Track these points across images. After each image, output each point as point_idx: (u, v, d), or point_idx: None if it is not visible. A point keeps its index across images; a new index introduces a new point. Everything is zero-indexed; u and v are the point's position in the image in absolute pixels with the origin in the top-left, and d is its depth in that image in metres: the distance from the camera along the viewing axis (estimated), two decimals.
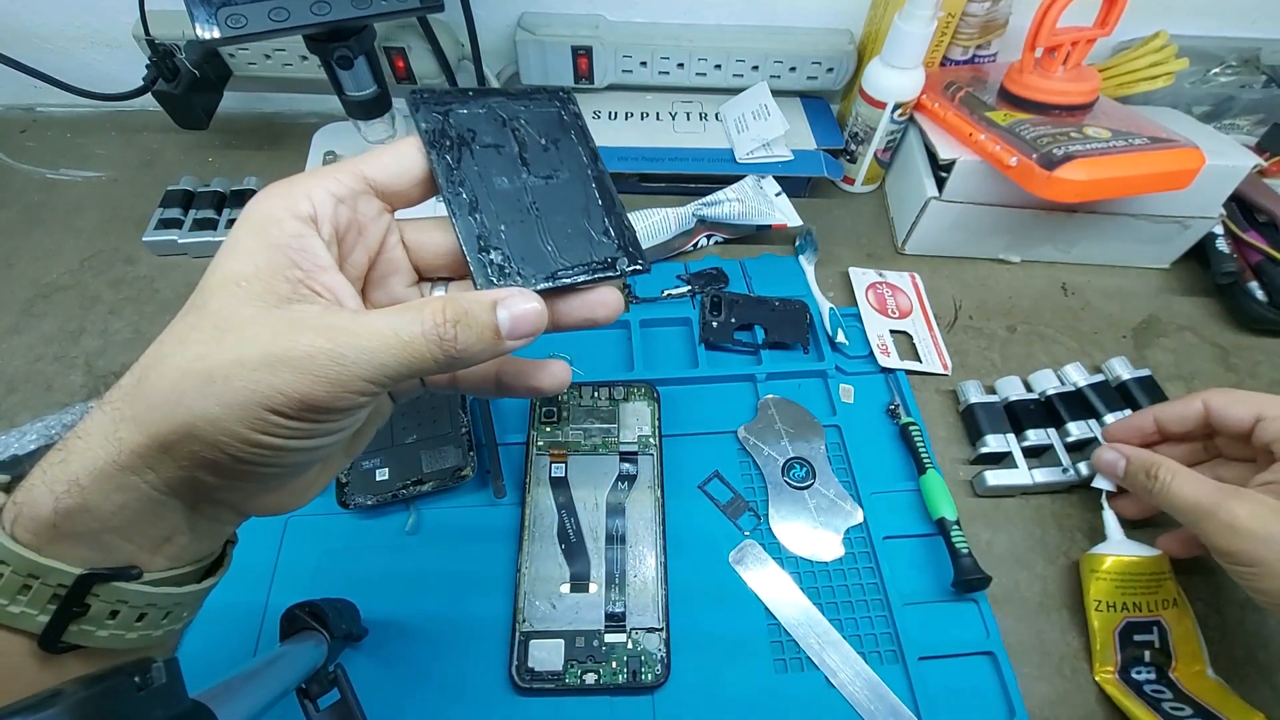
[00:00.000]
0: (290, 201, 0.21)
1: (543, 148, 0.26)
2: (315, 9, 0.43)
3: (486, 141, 0.25)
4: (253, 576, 0.39)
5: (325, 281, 0.21)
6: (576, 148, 0.26)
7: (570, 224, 0.25)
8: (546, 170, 0.26)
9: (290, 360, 0.18)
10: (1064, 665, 0.38)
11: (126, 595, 0.19)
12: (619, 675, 0.36)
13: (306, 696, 0.31)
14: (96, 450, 0.18)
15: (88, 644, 0.18)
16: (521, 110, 0.26)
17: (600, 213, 0.26)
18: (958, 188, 0.52)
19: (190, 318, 0.19)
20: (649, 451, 0.44)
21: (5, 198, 0.59)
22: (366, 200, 0.23)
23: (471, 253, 0.23)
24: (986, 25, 0.56)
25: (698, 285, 0.53)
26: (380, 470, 0.42)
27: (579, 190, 0.26)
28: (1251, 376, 0.51)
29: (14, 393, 0.47)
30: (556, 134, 0.26)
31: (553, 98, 0.27)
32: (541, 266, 0.24)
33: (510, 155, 0.25)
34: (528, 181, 0.25)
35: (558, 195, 0.25)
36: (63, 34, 0.60)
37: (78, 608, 0.18)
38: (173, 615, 0.20)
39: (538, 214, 0.25)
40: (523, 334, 0.21)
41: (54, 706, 0.16)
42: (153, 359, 0.19)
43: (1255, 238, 0.53)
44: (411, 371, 0.19)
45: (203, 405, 0.17)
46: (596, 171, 0.26)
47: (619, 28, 0.60)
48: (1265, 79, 0.59)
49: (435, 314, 0.19)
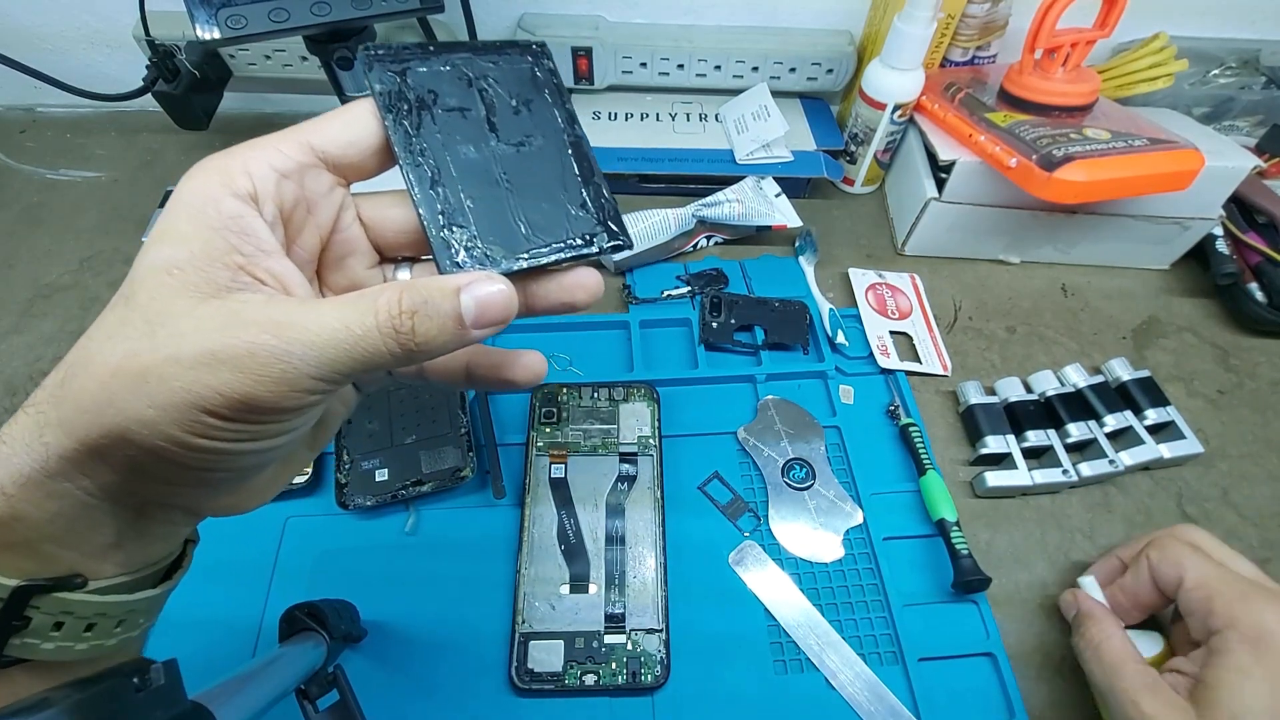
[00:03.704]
0: (227, 178, 0.18)
1: (513, 110, 0.23)
2: (315, 10, 0.43)
3: (450, 104, 0.22)
4: (252, 577, 0.39)
5: (269, 267, 0.19)
6: (551, 109, 0.24)
7: (544, 196, 0.23)
8: (518, 136, 0.23)
9: (229, 358, 0.16)
10: (1064, 666, 0.38)
11: (71, 606, 0.17)
12: (619, 676, 0.36)
13: (306, 697, 0.31)
14: (21, 456, 0.16)
15: (34, 657, 0.17)
16: (490, 67, 0.23)
17: (577, 183, 0.23)
18: (957, 189, 0.52)
19: (119, 311, 0.17)
20: (649, 452, 0.44)
21: (5, 198, 0.59)
22: (315, 174, 0.21)
23: (434, 232, 0.21)
24: (986, 26, 0.56)
25: (697, 286, 0.53)
26: (380, 471, 0.42)
27: (554, 158, 0.23)
28: (1251, 377, 0.51)
29: (14, 393, 0.47)
30: (529, 94, 0.24)
31: (524, 52, 0.24)
32: (512, 245, 0.22)
33: (477, 119, 0.23)
34: (496, 149, 0.23)
35: (530, 164, 0.23)
36: (63, 34, 0.60)
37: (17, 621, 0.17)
38: (127, 623, 0.19)
39: (508, 186, 0.22)
40: (490, 322, 0.19)
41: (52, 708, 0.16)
42: (79, 357, 0.17)
43: (1255, 239, 0.53)
44: (366, 367, 0.18)
45: (135, 408, 0.16)
46: (574, 136, 0.24)
47: (619, 28, 0.60)
48: (1265, 80, 0.59)
49: (390, 304, 0.18)
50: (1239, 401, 0.49)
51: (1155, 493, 0.45)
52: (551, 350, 0.50)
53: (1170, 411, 0.46)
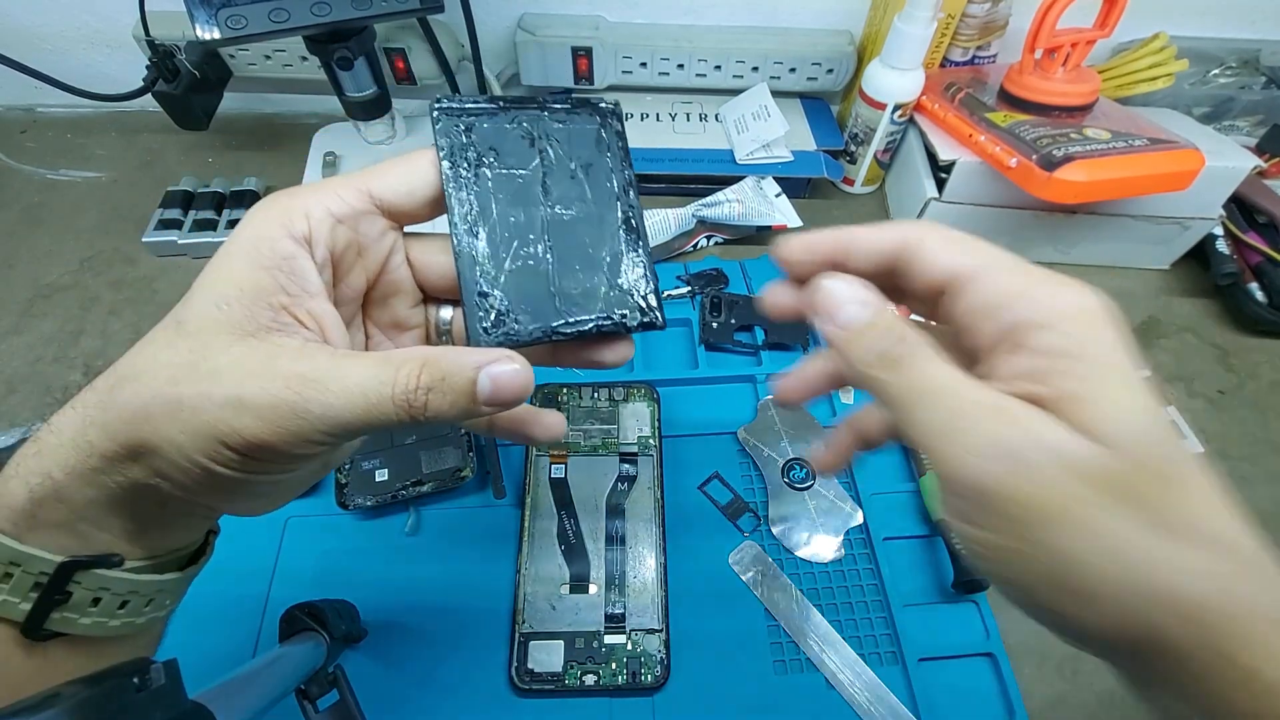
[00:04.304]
0: (287, 219, 0.20)
1: (570, 174, 0.23)
2: (315, 10, 0.43)
3: (509, 163, 0.23)
4: (252, 577, 0.39)
5: (311, 309, 0.20)
6: (610, 175, 0.24)
7: (585, 266, 0.23)
8: (570, 200, 0.23)
9: (253, 406, 0.18)
10: (1064, 666, 0.38)
11: (108, 582, 0.19)
12: (619, 676, 0.36)
13: (306, 697, 0.31)
14: (68, 448, 0.18)
15: (71, 631, 0.19)
16: (557, 127, 0.23)
17: (620, 257, 0.23)
18: (957, 189, 0.52)
19: (170, 332, 0.19)
20: (649, 452, 0.44)
21: (5, 198, 0.59)
22: (370, 220, 0.22)
23: (468, 295, 0.21)
24: (986, 26, 0.56)
25: (698, 286, 0.53)
26: (380, 471, 0.42)
27: (602, 228, 0.23)
28: (1251, 377, 0.51)
29: (14, 393, 0.47)
30: (591, 157, 0.24)
31: (594, 112, 0.24)
32: (543, 316, 0.22)
33: (532, 181, 0.23)
34: (545, 213, 0.23)
35: (577, 232, 0.23)
36: (63, 34, 0.61)
37: (59, 595, 0.18)
38: (155, 602, 0.21)
39: (550, 252, 0.22)
40: (502, 402, 0.19)
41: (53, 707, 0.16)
42: (129, 369, 0.19)
43: (1255, 239, 0.53)
44: (374, 429, 0.19)
45: (169, 430, 0.18)
46: (627, 205, 0.24)
47: (619, 28, 0.60)
48: (1265, 80, 0.59)
49: (409, 378, 0.18)
50: (1239, 402, 0.49)
51: None
52: None
53: (1170, 412, 0.46)
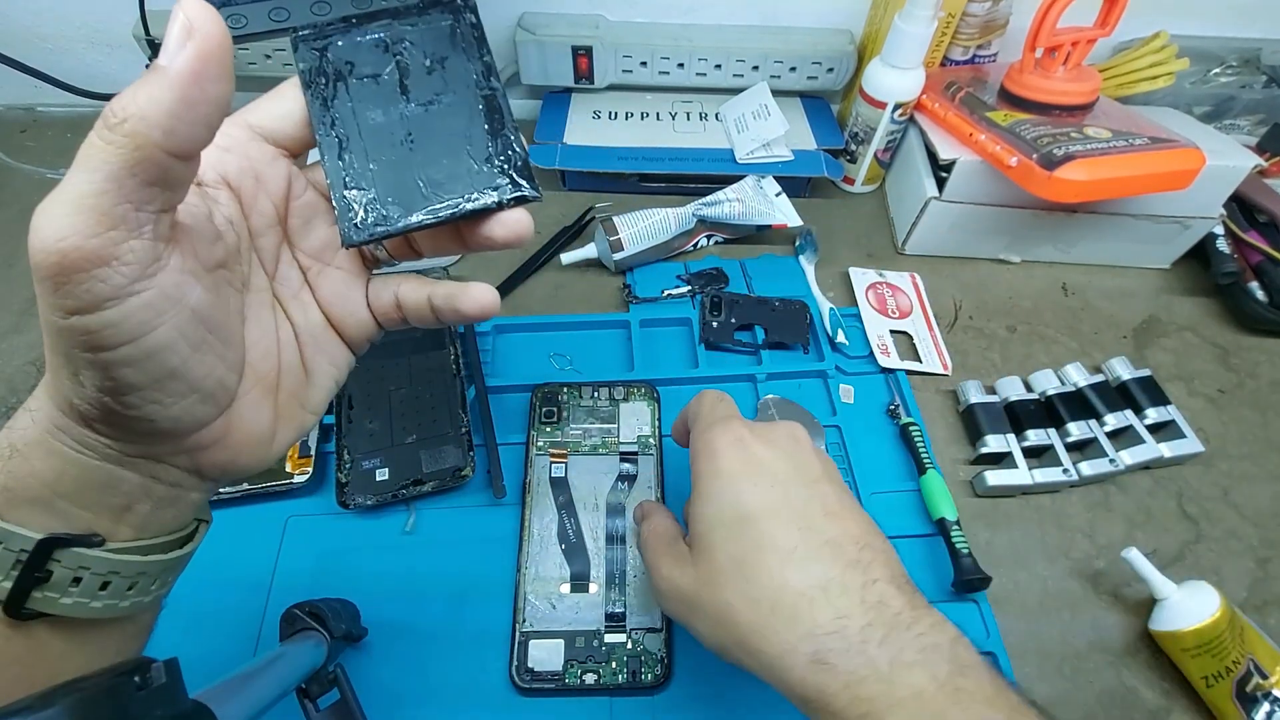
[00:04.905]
0: None
1: (426, 70, 0.24)
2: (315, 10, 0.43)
3: (364, 73, 0.24)
4: (253, 576, 0.39)
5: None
6: (467, 64, 0.24)
7: (450, 155, 0.23)
8: (428, 95, 0.24)
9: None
10: (1064, 665, 0.38)
11: (88, 561, 0.19)
12: (619, 675, 0.36)
13: (306, 696, 0.31)
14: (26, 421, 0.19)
15: (52, 611, 0.19)
16: (408, 30, 0.24)
17: (484, 137, 0.24)
18: (958, 188, 0.52)
19: None
20: (649, 451, 0.44)
21: (5, 198, 0.59)
22: (257, 145, 0.23)
23: (337, 198, 0.23)
24: (987, 25, 0.56)
25: (698, 285, 0.53)
26: (380, 470, 0.42)
27: (463, 114, 0.24)
28: (1252, 376, 0.51)
29: (14, 393, 0.47)
30: (445, 52, 0.24)
31: (446, 10, 0.25)
32: (411, 203, 0.23)
33: (389, 84, 0.24)
34: (405, 111, 0.24)
35: (441, 123, 0.24)
36: (63, 34, 0.61)
37: (40, 573, 0.18)
38: (139, 586, 0.21)
39: (412, 146, 0.23)
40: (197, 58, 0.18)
41: (53, 706, 0.16)
42: None
43: (1255, 238, 0.53)
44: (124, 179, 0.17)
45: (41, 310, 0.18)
46: (487, 89, 0.24)
47: (619, 28, 0.60)
48: (1265, 79, 0.59)
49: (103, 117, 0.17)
50: (1239, 401, 0.49)
51: (1155, 492, 0.45)
52: (551, 350, 0.50)
53: (1170, 411, 0.46)
